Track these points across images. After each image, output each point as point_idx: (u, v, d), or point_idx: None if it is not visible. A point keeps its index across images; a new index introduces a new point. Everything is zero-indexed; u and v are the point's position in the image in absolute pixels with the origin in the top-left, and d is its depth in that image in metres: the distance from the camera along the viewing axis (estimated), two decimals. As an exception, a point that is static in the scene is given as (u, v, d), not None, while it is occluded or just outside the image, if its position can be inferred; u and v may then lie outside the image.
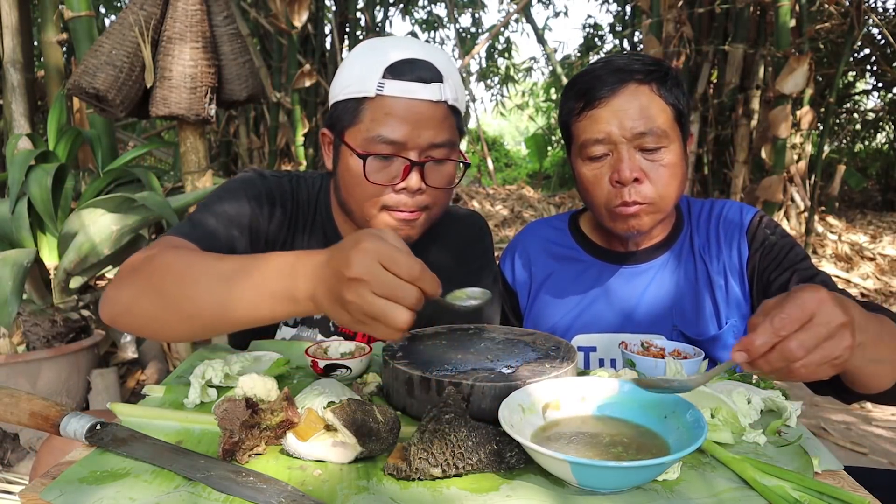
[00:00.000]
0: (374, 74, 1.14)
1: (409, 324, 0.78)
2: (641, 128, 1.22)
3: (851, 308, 0.82)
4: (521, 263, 1.48)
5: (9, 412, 0.88)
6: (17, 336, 2.58)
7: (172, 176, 4.35)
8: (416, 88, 1.13)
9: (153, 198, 2.49)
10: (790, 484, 0.74)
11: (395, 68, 1.14)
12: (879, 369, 0.96)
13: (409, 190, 1.15)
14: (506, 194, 7.77)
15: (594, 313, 1.39)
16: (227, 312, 0.91)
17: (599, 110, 1.25)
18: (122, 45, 2.45)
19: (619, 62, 1.27)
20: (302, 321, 1.34)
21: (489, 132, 15.98)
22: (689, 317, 1.34)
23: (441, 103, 1.16)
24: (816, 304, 0.75)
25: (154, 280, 0.97)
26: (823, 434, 2.90)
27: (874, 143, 11.25)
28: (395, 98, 1.13)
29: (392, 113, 1.13)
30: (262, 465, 0.79)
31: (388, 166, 1.15)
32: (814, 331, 0.74)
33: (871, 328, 0.89)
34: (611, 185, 1.26)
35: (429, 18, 11.48)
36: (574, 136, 1.31)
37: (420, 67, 1.14)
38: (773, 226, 1.34)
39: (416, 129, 1.13)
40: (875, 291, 5.26)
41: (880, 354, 0.93)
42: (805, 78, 5.24)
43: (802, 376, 0.76)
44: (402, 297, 0.77)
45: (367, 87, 1.14)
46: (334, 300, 0.80)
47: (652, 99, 1.24)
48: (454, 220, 1.42)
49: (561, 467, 0.71)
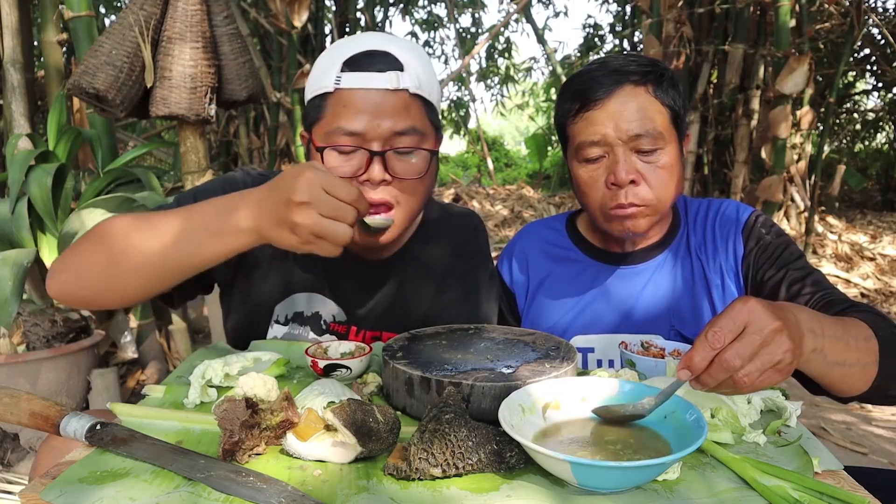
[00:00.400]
0: (333, 69, 1.15)
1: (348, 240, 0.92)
2: (637, 130, 1.22)
3: (791, 313, 0.83)
4: (518, 265, 1.48)
5: (9, 412, 0.88)
6: (17, 336, 2.58)
7: (172, 176, 4.35)
8: (371, 78, 1.13)
9: (153, 198, 2.49)
10: (790, 484, 0.74)
11: (352, 61, 1.15)
12: (848, 372, 0.97)
13: (371, 181, 1.14)
14: (506, 194, 7.78)
15: (592, 314, 1.39)
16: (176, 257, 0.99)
17: (595, 112, 1.25)
18: (122, 45, 2.46)
19: (615, 63, 1.27)
20: (293, 319, 1.34)
21: (489, 132, 15.99)
22: (687, 317, 1.33)
23: (401, 91, 1.14)
24: (747, 313, 0.77)
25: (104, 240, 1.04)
26: (823, 434, 2.90)
27: (874, 143, 11.26)
28: (351, 90, 1.14)
29: (349, 104, 1.13)
30: (262, 465, 0.79)
31: (351, 159, 1.15)
32: (747, 339, 0.76)
33: (828, 332, 0.90)
34: (606, 188, 1.26)
35: (429, 18, 11.49)
36: (570, 137, 1.31)
37: (376, 58, 1.15)
38: (770, 225, 1.33)
39: (375, 119, 1.13)
40: (875, 291, 5.26)
41: (844, 358, 0.94)
42: (805, 78, 5.25)
43: (748, 386, 0.77)
44: (344, 217, 0.92)
45: (326, 83, 1.16)
46: (280, 225, 0.92)
47: (648, 100, 1.24)
48: (449, 218, 1.42)
49: (561, 467, 0.71)
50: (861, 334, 0.99)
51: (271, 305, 1.33)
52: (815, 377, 0.98)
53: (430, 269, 1.37)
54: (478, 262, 1.40)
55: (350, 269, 1.33)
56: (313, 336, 1.34)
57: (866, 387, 1.00)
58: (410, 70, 1.16)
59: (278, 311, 1.33)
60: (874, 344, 0.99)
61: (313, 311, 1.33)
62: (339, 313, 1.34)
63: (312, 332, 1.34)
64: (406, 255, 1.36)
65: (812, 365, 0.90)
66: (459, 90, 12.35)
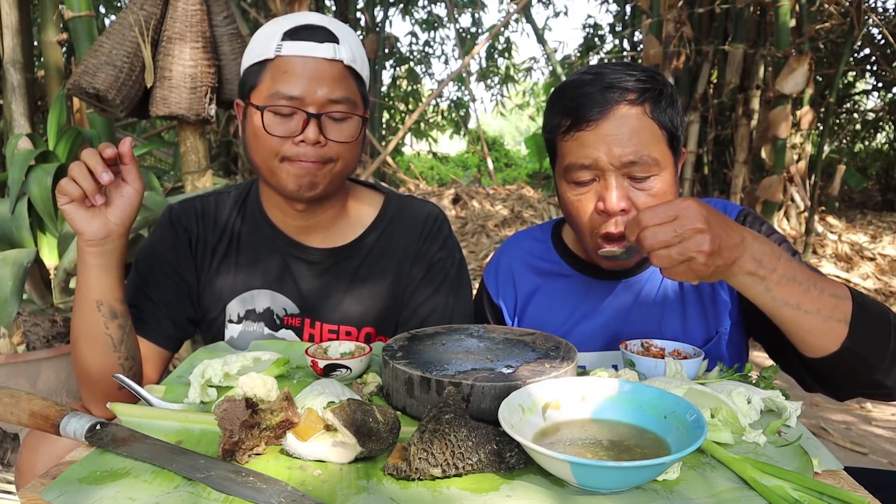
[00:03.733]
0: (274, 39, 1.24)
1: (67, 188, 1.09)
2: (631, 156, 1.15)
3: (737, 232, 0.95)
4: (504, 278, 1.44)
5: (9, 412, 0.88)
6: (17, 336, 2.58)
7: (172, 176, 4.35)
8: (310, 47, 1.22)
9: (153, 198, 2.49)
10: (790, 484, 0.74)
11: (293, 32, 1.24)
12: (803, 318, 1.00)
13: (307, 142, 1.22)
14: (506, 194, 7.77)
15: (582, 331, 1.34)
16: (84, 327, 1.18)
17: (587, 133, 1.17)
18: (122, 45, 2.46)
19: (611, 77, 1.18)
20: (245, 317, 1.37)
21: (489, 132, 15.98)
22: (680, 328, 1.30)
23: (336, 62, 1.24)
24: (683, 207, 0.91)
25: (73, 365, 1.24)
26: (823, 434, 2.90)
27: (874, 143, 11.25)
28: (291, 56, 1.22)
29: (289, 70, 1.22)
30: (262, 465, 0.79)
31: (289, 122, 1.22)
32: (667, 226, 0.91)
33: (783, 270, 0.98)
34: (596, 212, 1.20)
35: (429, 18, 11.49)
36: (559, 155, 1.25)
37: (314, 30, 1.24)
38: (760, 223, 1.29)
39: (313, 86, 1.21)
40: (875, 291, 5.26)
41: (797, 301, 0.99)
42: (805, 78, 5.24)
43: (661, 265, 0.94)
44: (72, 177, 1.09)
45: (267, 51, 1.24)
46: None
47: (644, 123, 1.17)
48: (408, 210, 1.42)
49: (561, 467, 0.71)
50: (831, 290, 1.02)
51: (223, 307, 1.37)
52: (768, 313, 1.03)
53: (388, 259, 1.38)
54: (444, 255, 1.40)
55: (297, 261, 1.36)
56: (269, 332, 1.36)
57: (834, 345, 1.02)
58: (345, 44, 1.25)
59: (230, 312, 1.37)
60: (846, 304, 1.02)
61: (264, 307, 1.37)
62: (291, 306, 1.36)
63: (268, 328, 1.37)
64: (360, 245, 1.37)
65: (753, 293, 1.00)
66: (459, 90, 12.35)
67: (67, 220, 1.12)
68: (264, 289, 1.36)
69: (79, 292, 1.17)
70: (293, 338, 1.36)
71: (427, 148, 12.97)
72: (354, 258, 1.37)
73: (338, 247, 1.37)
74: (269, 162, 1.25)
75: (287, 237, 1.36)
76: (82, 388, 1.23)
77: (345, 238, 1.37)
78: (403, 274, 1.38)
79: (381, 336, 1.38)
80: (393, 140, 7.94)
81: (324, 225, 1.36)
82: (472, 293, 1.46)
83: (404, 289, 1.38)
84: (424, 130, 12.31)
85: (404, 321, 1.37)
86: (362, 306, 1.36)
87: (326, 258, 1.36)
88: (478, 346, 1.06)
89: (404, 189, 8.83)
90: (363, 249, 1.37)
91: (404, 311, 1.38)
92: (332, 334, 1.36)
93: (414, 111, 10.87)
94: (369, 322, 1.37)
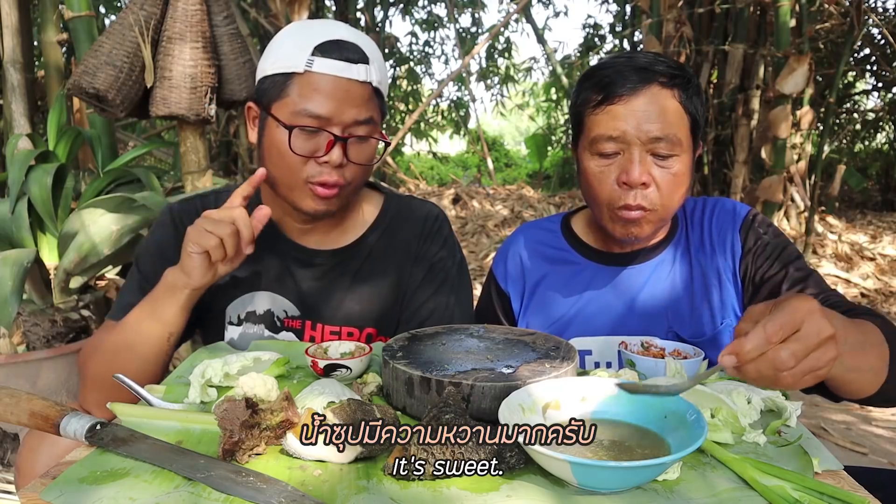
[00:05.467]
0: (304, 52, 1.20)
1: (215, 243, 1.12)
2: (658, 132, 1.20)
3: (836, 320, 0.82)
4: (513, 266, 1.47)
5: (9, 412, 0.88)
6: (17, 336, 2.58)
7: (172, 176, 4.35)
8: (344, 67, 1.20)
9: (153, 198, 2.49)
10: (790, 484, 0.74)
11: (324, 47, 1.20)
12: (860, 377, 0.97)
13: (330, 164, 1.21)
14: (506, 194, 7.77)
15: (589, 316, 1.37)
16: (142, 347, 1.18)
17: (618, 107, 1.22)
18: (122, 45, 2.45)
19: (643, 60, 1.24)
20: (245, 318, 1.36)
21: (489, 132, 15.97)
22: (685, 318, 1.32)
23: (366, 84, 1.22)
24: (807, 313, 0.75)
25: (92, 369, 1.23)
26: (823, 434, 2.90)
27: (874, 143, 11.24)
28: (322, 75, 1.19)
29: (319, 89, 1.19)
30: (262, 465, 0.79)
31: (313, 139, 1.21)
32: (804, 341, 0.74)
33: (851, 339, 0.89)
34: (616, 185, 1.24)
35: (429, 18, 11.48)
36: (586, 128, 1.28)
37: (348, 48, 1.21)
38: (767, 224, 1.32)
39: (342, 106, 1.20)
40: (875, 291, 5.26)
41: (859, 364, 0.94)
42: (805, 78, 5.24)
43: (786, 385, 0.76)
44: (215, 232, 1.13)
45: (296, 64, 1.20)
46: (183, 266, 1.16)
47: (673, 105, 1.22)
48: (408, 210, 1.42)
49: (561, 467, 0.71)
50: (875, 340, 0.99)
51: (222, 309, 1.36)
52: (827, 380, 0.97)
53: (389, 259, 1.38)
54: (444, 255, 1.40)
55: (297, 262, 1.35)
56: (269, 334, 1.35)
57: (872, 391, 1.01)
58: (375, 64, 1.23)
59: (230, 313, 1.36)
60: (885, 350, 0.99)
61: (265, 309, 1.36)
62: (291, 308, 1.35)
63: (268, 331, 1.36)
64: (361, 245, 1.37)
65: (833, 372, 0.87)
66: (459, 90, 12.35)
67: (187, 267, 1.15)
68: (264, 290, 1.36)
69: (150, 319, 1.19)
70: (293, 339, 1.36)
71: (427, 148, 12.96)
72: (355, 259, 1.37)
73: (339, 248, 1.37)
74: (289, 180, 1.24)
75: (288, 239, 1.36)
76: (91, 392, 1.23)
77: (346, 239, 1.37)
78: (404, 274, 1.38)
79: (383, 336, 1.38)
80: (393, 140, 7.93)
81: (325, 227, 1.36)
82: (472, 293, 1.46)
83: (405, 289, 1.38)
84: (424, 130, 12.30)
85: (405, 321, 1.37)
86: (363, 307, 1.36)
87: (327, 259, 1.36)
88: (478, 346, 1.06)
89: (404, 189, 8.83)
90: (364, 250, 1.37)
91: (405, 311, 1.38)
92: (334, 335, 1.35)
93: (414, 111, 10.86)
94: (371, 322, 1.36)
